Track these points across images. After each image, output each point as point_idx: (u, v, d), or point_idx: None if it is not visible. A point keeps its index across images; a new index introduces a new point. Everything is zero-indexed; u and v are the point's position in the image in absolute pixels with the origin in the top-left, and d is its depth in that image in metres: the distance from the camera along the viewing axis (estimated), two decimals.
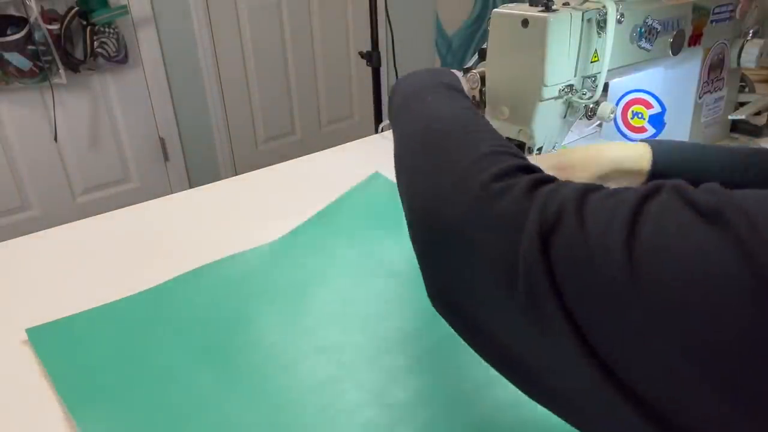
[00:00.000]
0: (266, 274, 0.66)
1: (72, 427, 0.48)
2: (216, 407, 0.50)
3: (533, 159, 0.61)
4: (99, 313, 0.60)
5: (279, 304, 0.61)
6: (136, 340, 0.57)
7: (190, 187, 0.90)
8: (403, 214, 0.42)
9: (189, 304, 0.62)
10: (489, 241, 0.32)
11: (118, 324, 0.59)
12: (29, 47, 1.81)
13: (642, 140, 0.61)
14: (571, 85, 0.68)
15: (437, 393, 0.51)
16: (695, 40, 0.86)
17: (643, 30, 0.76)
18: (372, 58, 1.77)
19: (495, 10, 0.67)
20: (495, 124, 0.74)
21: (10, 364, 0.54)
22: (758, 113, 0.99)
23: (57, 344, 0.56)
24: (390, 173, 0.87)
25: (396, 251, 0.68)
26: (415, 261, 0.39)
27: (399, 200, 0.43)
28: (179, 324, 0.59)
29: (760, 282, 0.22)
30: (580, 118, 0.71)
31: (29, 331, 0.57)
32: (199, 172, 2.44)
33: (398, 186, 0.44)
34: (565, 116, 0.70)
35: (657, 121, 0.95)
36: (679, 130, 0.93)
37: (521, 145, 0.72)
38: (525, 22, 0.64)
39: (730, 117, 0.99)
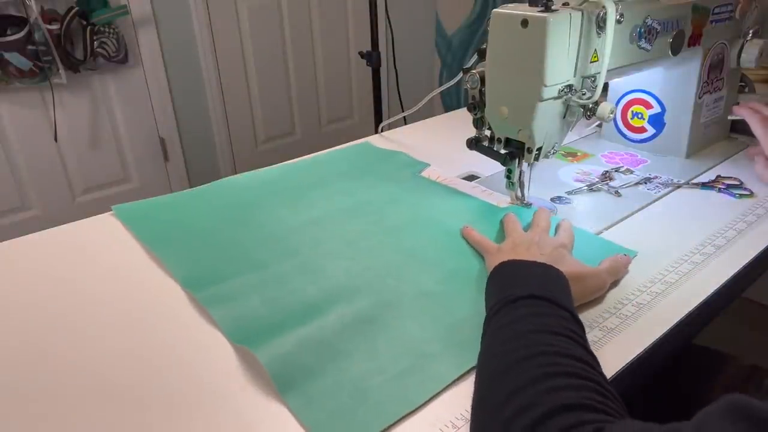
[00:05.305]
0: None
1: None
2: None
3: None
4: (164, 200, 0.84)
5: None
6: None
7: (190, 187, 0.90)
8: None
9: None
10: None
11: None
12: (29, 47, 1.81)
13: None
14: (570, 85, 0.68)
15: None
16: (695, 40, 0.86)
17: (642, 30, 0.76)
18: (372, 58, 1.77)
19: (495, 10, 0.67)
20: (495, 124, 0.74)
21: (7, 368, 0.55)
22: None
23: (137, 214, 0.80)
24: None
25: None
26: None
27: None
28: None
29: None
30: (580, 118, 0.71)
31: (115, 208, 0.81)
32: (199, 172, 2.44)
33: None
34: (564, 116, 0.70)
35: (657, 121, 0.95)
36: (678, 130, 0.93)
37: (521, 146, 0.72)
38: (525, 22, 0.64)
39: (729, 117, 0.99)
